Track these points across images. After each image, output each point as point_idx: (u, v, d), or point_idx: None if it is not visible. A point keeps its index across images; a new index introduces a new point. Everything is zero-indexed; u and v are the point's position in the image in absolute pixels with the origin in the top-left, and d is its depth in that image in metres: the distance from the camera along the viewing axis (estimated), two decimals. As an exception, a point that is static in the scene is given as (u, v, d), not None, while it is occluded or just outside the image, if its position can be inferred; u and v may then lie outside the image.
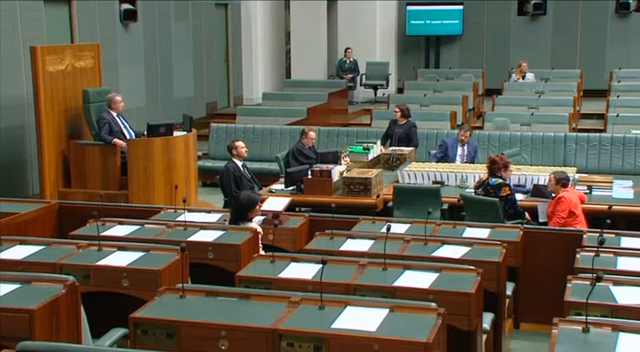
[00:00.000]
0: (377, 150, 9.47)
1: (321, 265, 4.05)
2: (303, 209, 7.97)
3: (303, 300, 3.98)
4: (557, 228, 6.57)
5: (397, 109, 10.15)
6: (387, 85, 16.96)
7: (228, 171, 8.16)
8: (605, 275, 4.22)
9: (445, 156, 9.15)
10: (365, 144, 9.40)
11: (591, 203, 7.31)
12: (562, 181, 6.96)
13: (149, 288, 4.58)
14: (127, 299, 4.71)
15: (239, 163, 8.28)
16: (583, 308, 3.84)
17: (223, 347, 3.70)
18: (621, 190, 7.73)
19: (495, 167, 7.27)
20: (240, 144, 8.33)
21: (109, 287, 4.85)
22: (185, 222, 5.98)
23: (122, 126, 9.22)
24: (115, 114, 9.20)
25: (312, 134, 9.21)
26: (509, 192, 7.14)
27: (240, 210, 6.01)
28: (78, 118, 9.33)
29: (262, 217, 6.30)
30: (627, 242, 5.63)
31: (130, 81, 12.27)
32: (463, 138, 9.18)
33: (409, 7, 17.99)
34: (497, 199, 6.94)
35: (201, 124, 12.96)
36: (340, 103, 15.15)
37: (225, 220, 6.28)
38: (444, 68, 17.40)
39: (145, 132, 9.01)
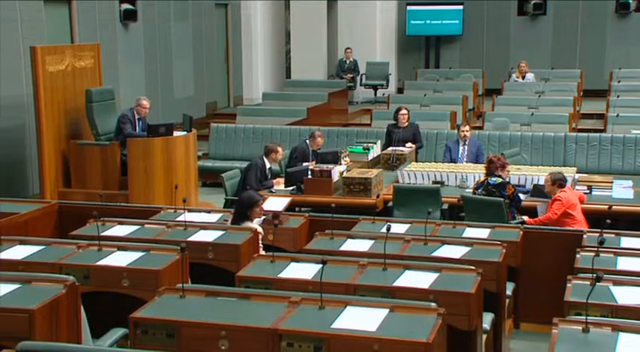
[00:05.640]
0: (377, 150, 9.46)
1: (321, 265, 4.05)
2: (303, 209, 7.96)
3: (303, 300, 3.97)
4: (557, 227, 6.57)
5: (406, 114, 10.00)
6: (387, 85, 16.94)
7: (256, 165, 8.23)
8: (605, 275, 4.21)
9: (452, 158, 9.13)
10: (365, 144, 9.40)
11: (591, 203, 7.31)
12: (559, 182, 6.95)
13: (149, 288, 4.58)
14: (127, 299, 4.71)
15: (267, 164, 8.34)
16: (583, 308, 3.84)
17: (223, 347, 3.70)
18: (621, 190, 7.73)
19: (492, 166, 7.27)
20: (281, 151, 8.45)
21: (109, 287, 4.85)
22: (185, 222, 5.98)
23: (139, 130, 9.14)
24: (137, 116, 9.17)
25: (320, 140, 9.21)
26: (514, 190, 7.16)
27: (240, 209, 6.05)
28: (78, 118, 9.32)
29: (262, 217, 6.31)
30: (627, 242, 5.63)
31: (130, 81, 12.27)
32: (465, 132, 9.14)
33: (409, 7, 17.98)
34: (502, 199, 6.94)
35: (201, 124, 12.96)
36: (340, 103, 15.15)
37: (226, 220, 6.29)
38: (444, 68, 17.39)
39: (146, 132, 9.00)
